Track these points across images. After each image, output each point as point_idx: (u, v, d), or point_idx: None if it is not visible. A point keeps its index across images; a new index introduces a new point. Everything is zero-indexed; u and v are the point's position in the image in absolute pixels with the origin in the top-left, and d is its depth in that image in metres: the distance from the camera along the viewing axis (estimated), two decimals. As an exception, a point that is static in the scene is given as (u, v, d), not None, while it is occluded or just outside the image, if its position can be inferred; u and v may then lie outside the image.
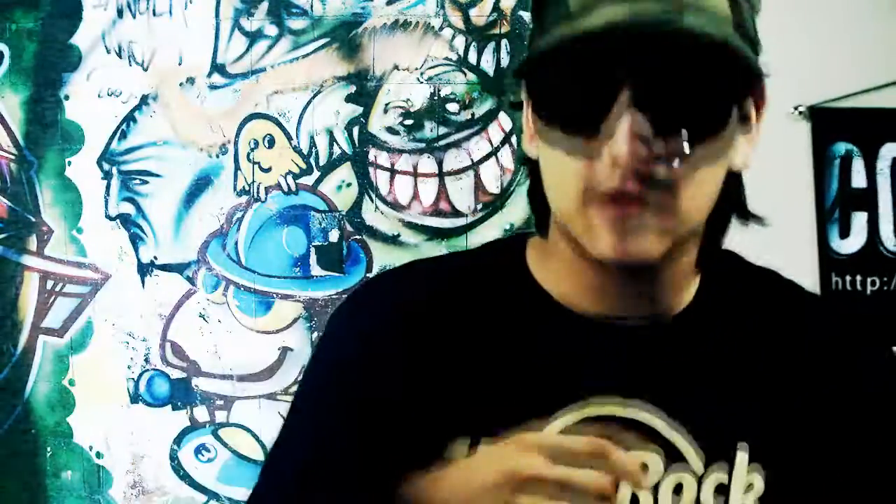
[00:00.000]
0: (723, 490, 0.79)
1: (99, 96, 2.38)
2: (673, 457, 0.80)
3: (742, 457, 0.80)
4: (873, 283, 2.39)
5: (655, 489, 0.79)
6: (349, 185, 2.37)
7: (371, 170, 2.37)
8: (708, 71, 0.70)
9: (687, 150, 0.71)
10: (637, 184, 0.71)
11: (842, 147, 2.40)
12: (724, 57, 0.70)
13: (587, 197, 0.73)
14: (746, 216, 0.86)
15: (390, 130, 2.36)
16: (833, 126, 2.39)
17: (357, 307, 0.89)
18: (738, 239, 0.90)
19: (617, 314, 0.82)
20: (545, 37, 0.73)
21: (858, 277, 2.39)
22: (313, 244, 2.38)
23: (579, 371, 0.81)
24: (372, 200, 2.37)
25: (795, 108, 2.35)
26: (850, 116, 2.38)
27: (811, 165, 2.38)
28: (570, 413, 0.79)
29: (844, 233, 2.40)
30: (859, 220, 2.39)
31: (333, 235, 2.37)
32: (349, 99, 2.37)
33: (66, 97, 2.38)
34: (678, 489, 0.79)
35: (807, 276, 2.33)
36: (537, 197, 0.86)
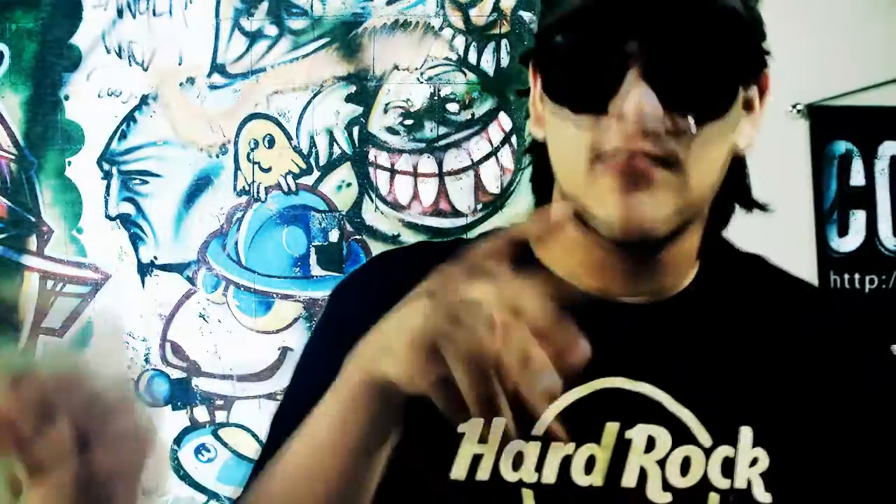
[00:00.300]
0: (728, 470, 0.79)
1: (99, 96, 2.38)
2: (679, 434, 0.79)
3: (747, 433, 0.80)
4: (871, 282, 2.38)
5: (662, 464, 0.78)
6: (349, 185, 2.38)
7: (371, 170, 2.37)
8: (717, 46, 0.72)
9: (694, 131, 0.72)
10: (645, 143, 0.71)
11: (840, 145, 2.39)
12: (733, 29, 0.71)
13: (595, 162, 0.73)
14: (750, 203, 0.87)
15: (390, 130, 2.37)
16: (832, 124, 2.38)
17: (361, 288, 0.89)
18: (736, 235, 0.90)
19: (618, 292, 0.82)
20: (555, 10, 0.75)
21: (857, 276, 2.38)
22: (313, 244, 2.38)
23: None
24: (372, 200, 2.37)
25: (794, 107, 2.33)
26: (848, 115, 2.37)
27: (810, 164, 2.37)
28: (580, 386, 0.80)
29: (843, 231, 2.40)
30: (858, 218, 2.39)
31: (333, 235, 2.37)
32: (349, 99, 2.37)
33: (66, 97, 2.38)
34: (685, 467, 0.79)
35: (805, 275, 2.34)
36: (540, 183, 0.86)
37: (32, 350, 2.38)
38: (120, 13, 2.38)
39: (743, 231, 0.89)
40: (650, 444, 0.79)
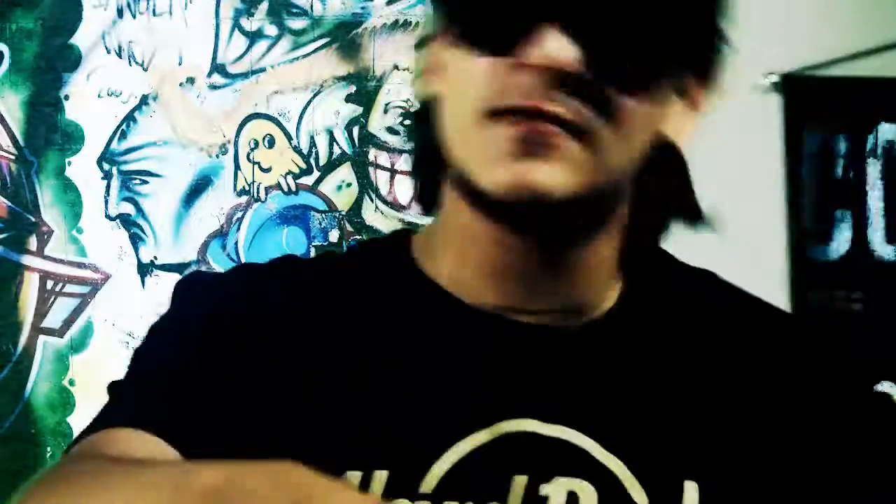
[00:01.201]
0: None
1: (99, 96, 2.38)
2: (608, 490, 0.64)
3: (691, 490, 0.65)
4: (858, 299, 1.94)
5: None
6: (349, 185, 2.38)
7: (371, 170, 2.37)
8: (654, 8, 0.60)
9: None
10: (555, 104, 0.59)
11: (822, 128, 1.94)
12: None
13: (489, 118, 0.61)
14: (695, 218, 0.71)
15: (390, 130, 2.37)
16: (812, 100, 1.90)
17: (216, 308, 0.72)
18: (691, 244, 0.76)
19: (520, 305, 0.68)
20: None
21: (841, 291, 1.95)
22: (313, 244, 2.38)
23: (480, 377, 0.67)
24: (372, 200, 2.37)
25: (765, 77, 1.86)
26: (833, 88, 1.90)
27: (782, 150, 1.93)
28: (481, 431, 0.65)
29: (825, 236, 1.96)
30: (844, 219, 1.98)
31: (333, 235, 2.38)
32: (349, 99, 2.37)
33: (66, 97, 2.38)
34: None
35: (777, 289, 1.91)
36: (426, 156, 0.70)
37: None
38: (120, 13, 2.38)
39: (699, 237, 0.73)
40: (571, 502, 0.64)
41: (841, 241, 1.96)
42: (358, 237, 2.37)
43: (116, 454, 0.61)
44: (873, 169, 1.96)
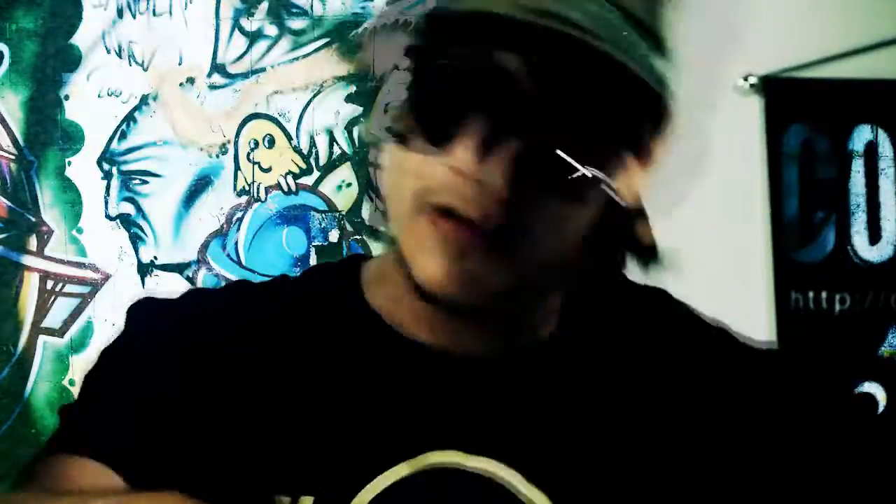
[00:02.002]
0: None
1: (99, 96, 2.38)
2: None
3: None
4: (842, 301, 1.91)
5: None
6: (349, 185, 2.38)
7: (371, 170, 2.37)
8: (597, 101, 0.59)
9: (590, 174, 0.59)
10: (470, 207, 0.60)
11: (803, 129, 1.94)
12: (618, 79, 0.58)
13: (420, 204, 0.63)
14: (649, 260, 0.69)
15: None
16: (792, 102, 1.90)
17: (160, 334, 0.73)
18: (680, 249, 0.71)
19: (453, 344, 0.69)
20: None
21: (824, 294, 1.92)
22: (313, 244, 2.38)
23: (408, 408, 0.67)
24: (372, 200, 2.37)
25: (745, 80, 1.84)
26: (813, 90, 1.90)
27: (763, 152, 1.92)
28: (404, 463, 0.65)
29: (807, 237, 1.94)
30: (826, 220, 1.96)
31: (333, 235, 2.37)
32: (349, 99, 2.37)
33: (66, 97, 2.38)
34: None
35: (760, 290, 1.89)
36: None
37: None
38: (120, 13, 2.38)
39: (683, 242, 0.69)
40: None
41: (823, 242, 1.95)
42: (358, 237, 2.37)
43: (61, 486, 0.63)
44: (854, 170, 1.96)
